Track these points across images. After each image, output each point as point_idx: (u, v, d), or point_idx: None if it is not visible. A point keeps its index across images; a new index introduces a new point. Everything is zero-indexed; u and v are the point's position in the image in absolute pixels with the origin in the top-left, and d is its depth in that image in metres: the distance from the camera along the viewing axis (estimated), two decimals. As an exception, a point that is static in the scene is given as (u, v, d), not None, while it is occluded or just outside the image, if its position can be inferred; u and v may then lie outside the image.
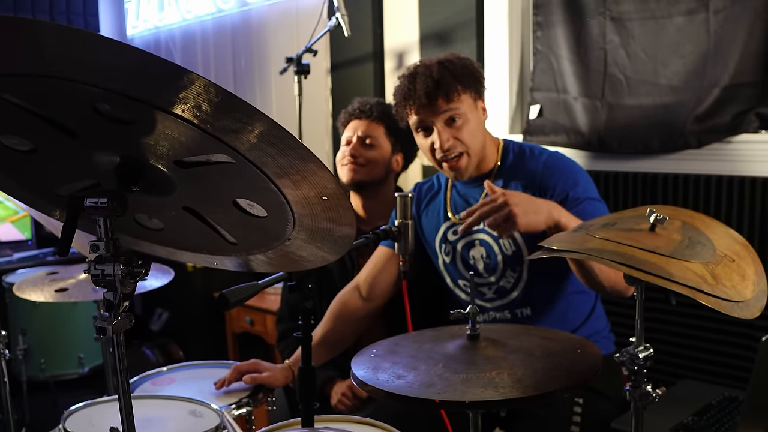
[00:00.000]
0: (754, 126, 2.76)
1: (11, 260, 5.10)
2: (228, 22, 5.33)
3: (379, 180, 3.11)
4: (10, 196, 1.58)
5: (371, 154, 3.07)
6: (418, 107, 2.52)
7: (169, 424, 2.30)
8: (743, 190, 2.80)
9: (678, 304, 1.59)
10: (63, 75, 1.11)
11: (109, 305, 1.37)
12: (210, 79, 1.06)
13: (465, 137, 2.52)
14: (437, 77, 2.48)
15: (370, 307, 2.84)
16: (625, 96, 3.12)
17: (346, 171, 3.07)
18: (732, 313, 1.48)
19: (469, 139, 2.52)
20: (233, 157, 1.22)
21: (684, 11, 2.92)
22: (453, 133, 2.51)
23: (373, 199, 3.13)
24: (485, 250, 2.62)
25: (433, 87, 2.48)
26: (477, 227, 2.60)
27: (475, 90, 2.55)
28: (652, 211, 1.65)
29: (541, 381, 1.53)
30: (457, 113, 2.50)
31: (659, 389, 1.65)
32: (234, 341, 4.85)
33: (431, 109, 2.50)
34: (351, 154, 3.07)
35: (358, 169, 3.05)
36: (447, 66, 2.51)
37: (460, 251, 2.68)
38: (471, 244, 2.66)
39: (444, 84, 2.48)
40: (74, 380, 4.94)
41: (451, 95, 2.48)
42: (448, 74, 2.49)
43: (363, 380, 1.61)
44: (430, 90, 2.48)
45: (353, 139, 3.10)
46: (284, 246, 1.49)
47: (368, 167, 3.06)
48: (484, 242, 2.62)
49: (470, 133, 2.52)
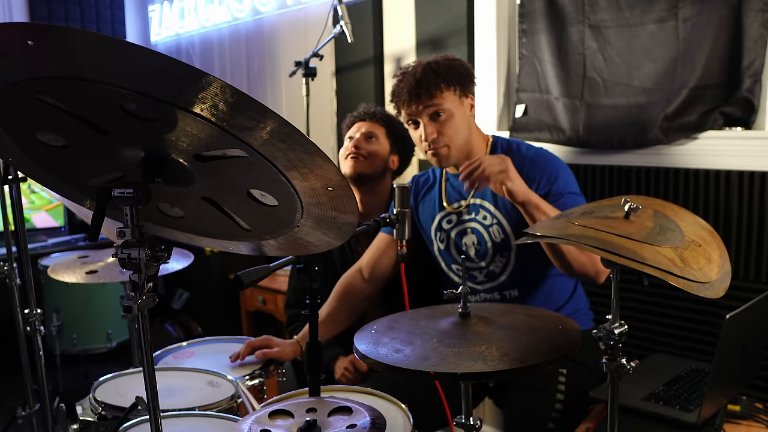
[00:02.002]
0: (719, 124, 2.76)
1: (46, 245, 5.09)
2: (242, 30, 5.32)
3: (378, 174, 3.09)
4: (45, 187, 1.58)
5: (373, 147, 3.06)
6: (404, 103, 2.54)
7: (189, 394, 2.30)
8: (708, 181, 2.80)
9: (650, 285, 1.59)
10: (93, 77, 1.11)
11: (135, 286, 1.37)
12: (226, 81, 1.06)
13: (448, 131, 2.51)
14: (420, 76, 2.49)
15: (371, 288, 2.85)
16: (601, 96, 3.11)
17: (350, 163, 3.05)
18: (699, 293, 1.48)
19: (452, 133, 2.52)
20: (247, 152, 1.22)
21: (655, 19, 2.91)
22: (437, 127, 2.51)
23: (371, 194, 3.11)
24: (476, 237, 2.63)
25: (415, 85, 2.49)
26: (469, 216, 2.61)
27: (459, 86, 2.53)
28: (627, 201, 1.64)
29: (525, 354, 1.53)
30: (440, 108, 2.50)
31: (633, 362, 1.65)
32: (248, 318, 4.86)
33: (416, 105, 2.51)
34: (354, 146, 3.06)
35: (360, 162, 3.04)
36: (431, 66, 2.51)
37: (454, 238, 2.69)
38: (464, 232, 2.66)
39: (426, 82, 2.48)
40: (103, 354, 4.95)
41: (434, 91, 2.48)
42: (431, 73, 2.49)
43: (364, 354, 1.61)
44: (412, 88, 2.49)
45: (356, 135, 3.10)
46: (293, 232, 1.48)
47: (369, 160, 3.05)
48: (475, 230, 2.63)
49: (453, 127, 2.52)
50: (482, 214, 2.60)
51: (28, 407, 2.89)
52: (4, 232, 2.79)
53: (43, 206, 5.35)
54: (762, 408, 2.36)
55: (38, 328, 2.64)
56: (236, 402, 2.24)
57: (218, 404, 2.19)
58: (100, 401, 2.21)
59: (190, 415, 2.11)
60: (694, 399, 2.31)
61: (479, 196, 2.62)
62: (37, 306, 2.65)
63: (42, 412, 2.76)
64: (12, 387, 4.90)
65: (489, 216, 2.58)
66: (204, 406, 2.17)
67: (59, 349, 4.63)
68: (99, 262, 2.90)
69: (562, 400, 2.45)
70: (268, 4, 4.95)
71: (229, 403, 2.21)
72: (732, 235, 2.75)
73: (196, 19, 5.64)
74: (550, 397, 2.46)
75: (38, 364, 2.66)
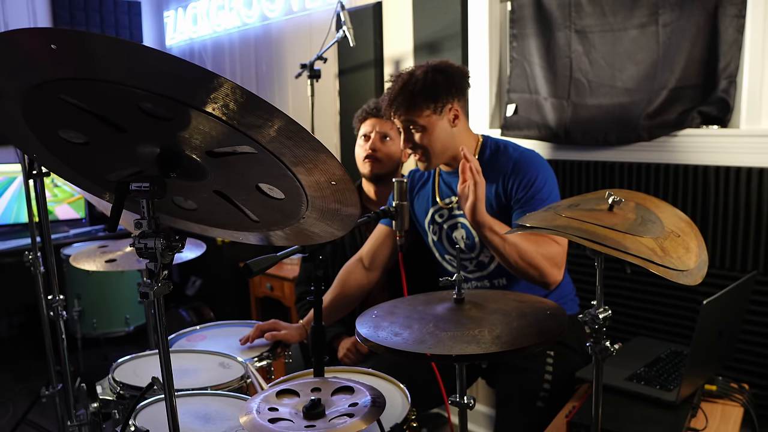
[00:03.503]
0: (696, 122, 2.75)
1: (68, 235, 5.09)
2: (251, 34, 5.30)
3: (393, 171, 3.10)
4: (68, 181, 1.58)
5: (388, 149, 3.06)
6: (387, 116, 2.58)
7: (202, 374, 2.30)
8: (687, 176, 2.80)
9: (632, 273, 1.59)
10: (112, 79, 1.11)
11: (151, 273, 1.37)
12: (236, 82, 1.06)
13: (424, 141, 2.52)
14: (394, 96, 2.51)
15: (371, 275, 2.85)
16: (587, 97, 3.11)
17: (368, 167, 3.05)
18: (678, 280, 1.48)
19: (428, 143, 2.52)
20: (256, 148, 1.22)
21: (637, 25, 2.91)
22: (417, 138, 2.53)
23: (384, 185, 3.11)
24: (465, 232, 2.63)
25: (389, 104, 2.53)
26: (458, 212, 2.61)
27: (434, 104, 2.49)
28: (610, 194, 1.64)
29: (516, 338, 1.53)
30: (414, 125, 2.51)
31: (616, 345, 1.65)
32: (257, 304, 4.85)
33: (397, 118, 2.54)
34: (372, 148, 3.04)
35: (377, 164, 3.05)
36: (409, 88, 2.50)
37: (446, 231, 2.69)
38: (454, 226, 2.66)
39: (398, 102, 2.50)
40: (121, 337, 4.94)
41: (410, 111, 2.49)
42: (408, 94, 2.49)
43: (366, 337, 1.61)
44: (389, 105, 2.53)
45: (372, 135, 3.07)
46: (299, 223, 1.48)
47: (385, 161, 3.05)
48: (464, 225, 2.63)
49: (429, 138, 2.52)
50: None
51: (51, 387, 2.90)
52: (29, 224, 2.81)
53: (66, 199, 5.35)
54: (737, 387, 2.36)
55: (61, 313, 2.64)
56: (246, 382, 2.24)
57: (229, 384, 2.19)
58: (119, 381, 2.21)
59: (202, 395, 2.11)
60: (674, 379, 2.32)
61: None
62: (60, 292, 2.65)
63: (64, 392, 2.76)
64: (36, 368, 4.93)
65: None
66: (215, 385, 2.17)
67: (80, 332, 4.63)
68: (117, 251, 2.90)
69: (550, 380, 2.45)
70: (276, 11, 4.94)
71: (239, 383, 2.22)
72: (709, 226, 2.75)
73: (208, 25, 5.63)
74: (539, 377, 2.46)
75: (61, 346, 2.66)
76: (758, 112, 2.63)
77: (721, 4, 2.67)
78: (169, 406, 1.45)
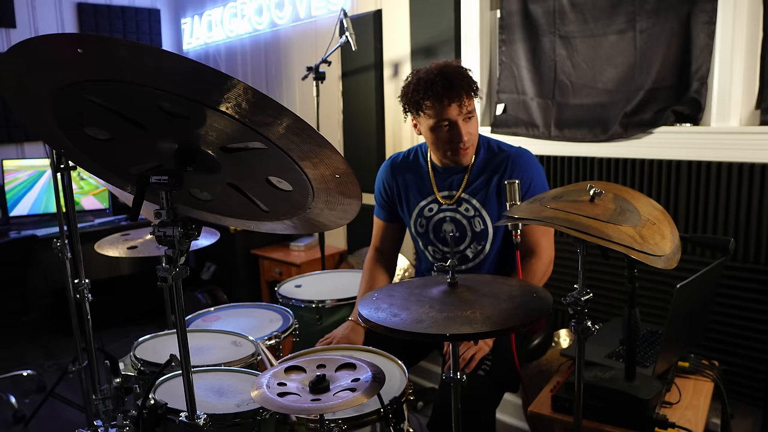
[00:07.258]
0: (671, 120, 2.75)
1: (93, 224, 5.08)
2: (262, 40, 5.29)
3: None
4: (93, 174, 1.57)
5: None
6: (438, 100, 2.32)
7: (216, 352, 2.30)
8: (661, 169, 2.80)
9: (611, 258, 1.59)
10: (134, 80, 1.11)
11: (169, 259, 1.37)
12: (248, 83, 1.05)
13: (473, 131, 2.40)
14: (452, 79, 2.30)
15: (389, 258, 2.81)
16: (570, 97, 3.10)
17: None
18: (656, 264, 1.48)
19: (476, 132, 2.43)
20: (266, 144, 1.21)
21: (616, 31, 2.90)
22: (469, 128, 2.38)
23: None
24: (455, 226, 2.54)
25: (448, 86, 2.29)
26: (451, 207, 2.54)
27: (473, 91, 2.35)
28: (591, 186, 1.64)
29: (505, 318, 1.53)
30: (472, 111, 2.37)
31: (597, 325, 1.65)
32: (267, 287, 4.86)
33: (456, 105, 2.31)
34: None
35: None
36: (461, 70, 2.34)
37: (434, 224, 2.61)
38: (443, 220, 2.56)
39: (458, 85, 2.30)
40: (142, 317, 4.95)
41: (469, 98, 2.33)
42: (465, 80, 2.32)
43: (366, 317, 1.60)
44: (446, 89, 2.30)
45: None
46: (305, 213, 1.48)
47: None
48: (454, 219, 2.53)
49: (476, 128, 2.42)
50: (465, 206, 2.49)
51: (77, 363, 2.91)
52: (57, 213, 2.81)
53: (91, 191, 5.34)
54: (707, 364, 2.36)
55: (87, 296, 2.64)
56: (256, 359, 2.25)
57: (241, 361, 2.20)
58: (140, 358, 2.22)
59: (216, 370, 2.11)
60: (650, 357, 2.32)
61: (469, 193, 2.51)
62: (86, 276, 2.66)
63: (90, 368, 2.77)
64: (64, 346, 4.93)
65: (472, 209, 2.48)
66: (228, 362, 2.18)
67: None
68: (139, 239, 2.89)
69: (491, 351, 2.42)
70: (284, 18, 4.92)
71: (250, 360, 2.22)
72: (680, 214, 2.75)
73: (222, 31, 5.62)
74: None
75: (86, 326, 2.66)
76: (727, 111, 2.63)
77: (694, 11, 2.66)
78: (186, 381, 1.46)
